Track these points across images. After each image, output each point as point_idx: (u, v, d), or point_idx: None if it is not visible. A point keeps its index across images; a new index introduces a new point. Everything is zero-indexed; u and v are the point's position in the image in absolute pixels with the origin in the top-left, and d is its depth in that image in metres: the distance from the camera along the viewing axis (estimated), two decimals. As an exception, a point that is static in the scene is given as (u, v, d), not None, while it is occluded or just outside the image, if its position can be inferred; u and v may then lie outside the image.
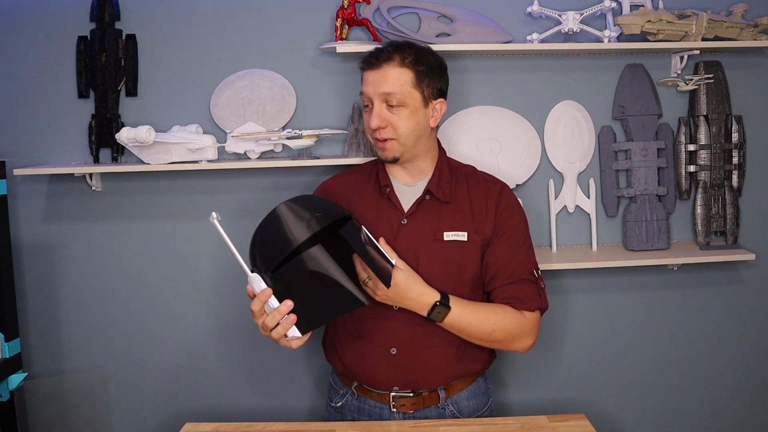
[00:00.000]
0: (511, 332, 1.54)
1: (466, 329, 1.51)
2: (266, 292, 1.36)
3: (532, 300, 1.56)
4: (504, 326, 1.53)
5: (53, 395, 2.07)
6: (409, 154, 1.57)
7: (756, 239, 2.16)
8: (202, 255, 2.09)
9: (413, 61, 1.54)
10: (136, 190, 2.07)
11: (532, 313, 1.57)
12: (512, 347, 1.57)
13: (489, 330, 1.52)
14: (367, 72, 1.56)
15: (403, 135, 1.54)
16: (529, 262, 1.60)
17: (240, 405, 2.14)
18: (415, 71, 1.54)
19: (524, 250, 1.61)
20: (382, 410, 1.60)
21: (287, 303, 1.36)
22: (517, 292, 1.56)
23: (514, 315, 1.54)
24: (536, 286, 1.59)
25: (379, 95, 1.53)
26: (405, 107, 1.53)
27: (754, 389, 2.22)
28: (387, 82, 1.52)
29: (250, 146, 1.99)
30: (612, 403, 2.19)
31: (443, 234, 1.56)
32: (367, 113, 1.58)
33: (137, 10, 2.02)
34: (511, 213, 1.61)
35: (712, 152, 2.08)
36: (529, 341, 1.57)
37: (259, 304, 1.38)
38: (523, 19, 2.06)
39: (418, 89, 1.55)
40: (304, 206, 1.39)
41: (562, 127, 2.09)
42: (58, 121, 2.04)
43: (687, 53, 2.03)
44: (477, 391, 1.65)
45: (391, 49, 1.55)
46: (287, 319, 1.37)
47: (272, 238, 1.37)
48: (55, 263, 2.08)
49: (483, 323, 1.51)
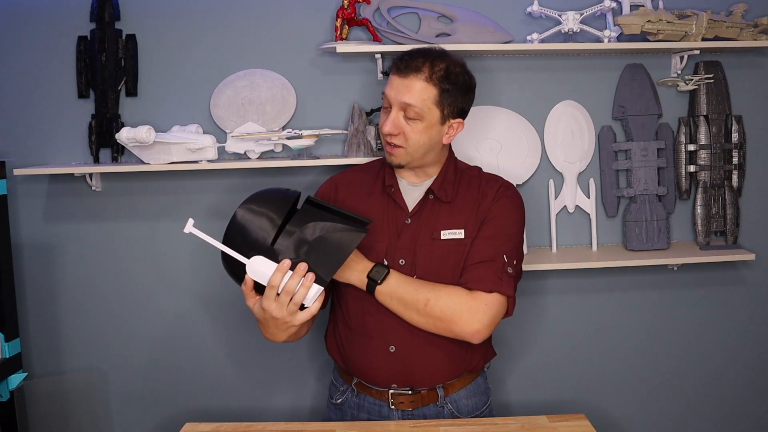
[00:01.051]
0: (450, 307, 1.46)
1: (402, 297, 1.48)
2: (285, 262, 1.34)
3: (488, 281, 1.48)
4: (440, 298, 1.47)
5: (53, 395, 2.07)
6: (415, 163, 1.58)
7: (756, 239, 2.16)
8: (203, 255, 2.09)
9: (441, 77, 1.51)
10: (136, 190, 2.07)
11: (486, 294, 1.48)
12: (456, 329, 1.47)
13: (424, 299, 1.46)
14: (394, 76, 1.54)
15: (412, 147, 1.54)
16: (503, 249, 1.53)
17: (240, 405, 2.14)
18: (440, 89, 1.51)
19: (502, 239, 1.55)
20: (381, 407, 1.60)
21: (303, 264, 1.35)
22: (475, 274, 1.50)
23: (458, 292, 1.48)
24: (500, 270, 1.50)
25: (399, 103, 1.52)
26: (421, 121, 1.52)
27: (754, 389, 2.22)
28: (409, 93, 1.51)
29: (250, 146, 1.99)
30: (612, 402, 2.19)
31: (440, 233, 1.56)
32: (385, 114, 1.56)
33: (137, 10, 2.02)
34: (501, 201, 1.59)
35: (712, 152, 2.08)
36: (475, 325, 1.46)
37: (279, 276, 1.34)
38: (523, 19, 2.06)
39: (439, 107, 1.53)
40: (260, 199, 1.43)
41: (562, 127, 2.09)
42: (58, 121, 2.04)
43: (687, 53, 2.03)
44: (476, 390, 1.65)
45: (422, 60, 1.52)
46: (308, 277, 1.35)
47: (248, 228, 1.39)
48: (55, 263, 2.08)
49: (418, 290, 1.48)
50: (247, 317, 2.11)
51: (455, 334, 1.49)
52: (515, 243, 1.57)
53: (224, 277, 2.08)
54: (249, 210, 1.40)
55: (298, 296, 1.36)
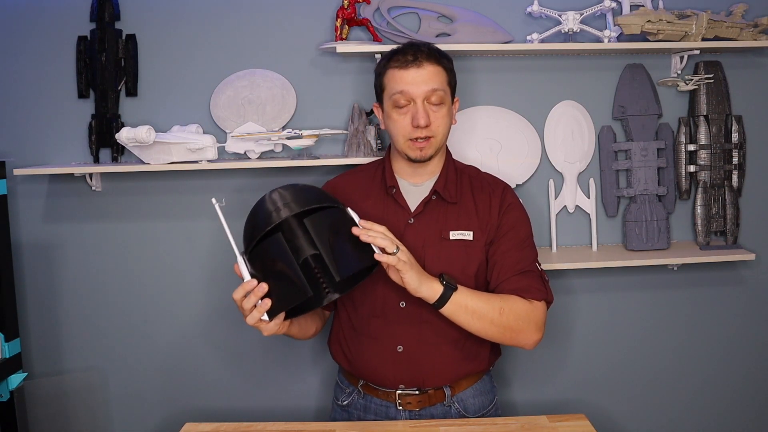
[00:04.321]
0: (521, 316, 1.50)
1: (475, 308, 1.46)
2: (250, 283, 1.33)
3: (538, 290, 1.54)
4: (512, 308, 1.49)
5: (53, 395, 2.07)
6: (438, 152, 1.60)
7: (756, 239, 2.16)
8: (202, 255, 2.09)
9: (442, 58, 1.57)
10: (136, 190, 2.07)
11: (540, 303, 1.54)
12: (521, 338, 1.52)
13: (498, 308, 1.48)
14: (407, 70, 1.53)
15: (440, 134, 1.56)
16: (532, 257, 1.60)
17: (242, 405, 2.14)
18: (446, 69, 1.58)
19: (528, 246, 1.61)
20: (388, 408, 1.60)
21: (263, 286, 1.33)
22: (523, 284, 1.53)
23: (522, 301, 1.52)
24: (540, 278, 1.57)
25: (423, 93, 1.53)
26: (444, 105, 1.56)
27: (754, 389, 2.22)
28: (432, 80, 1.53)
29: (250, 146, 1.99)
30: (612, 402, 2.19)
31: (449, 233, 1.57)
32: (403, 114, 1.55)
33: (137, 10, 2.02)
34: (513, 211, 1.62)
35: (712, 152, 2.08)
36: (537, 335, 1.53)
37: (241, 292, 1.34)
38: (523, 19, 2.06)
39: (450, 86, 1.59)
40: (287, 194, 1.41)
41: (562, 127, 2.09)
42: (58, 121, 2.04)
43: (687, 53, 2.03)
44: (482, 389, 1.66)
45: (426, 48, 1.56)
46: (262, 303, 1.33)
47: (250, 221, 1.42)
48: (55, 263, 2.08)
49: (490, 301, 1.48)
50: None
51: (517, 342, 1.53)
52: (535, 246, 1.64)
53: (225, 276, 2.10)
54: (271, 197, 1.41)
55: (250, 318, 1.35)
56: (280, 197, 1.40)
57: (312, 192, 1.46)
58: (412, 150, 1.56)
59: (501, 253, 1.57)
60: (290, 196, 1.40)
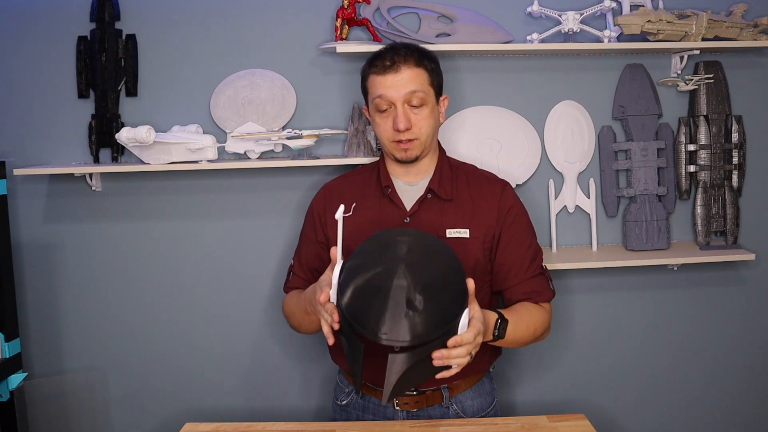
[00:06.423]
0: (544, 326, 1.61)
1: (518, 337, 1.52)
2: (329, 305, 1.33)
3: (547, 292, 1.64)
4: (541, 322, 1.59)
5: (53, 395, 2.07)
6: (425, 151, 1.61)
7: (756, 239, 2.16)
8: (202, 255, 2.09)
9: (423, 59, 1.58)
10: (136, 190, 2.07)
11: (548, 304, 1.65)
12: (538, 341, 1.62)
13: (533, 329, 1.56)
14: (385, 75, 1.55)
15: (424, 134, 1.57)
16: (538, 258, 1.66)
17: (242, 405, 2.14)
18: (427, 69, 1.58)
19: (534, 246, 1.66)
20: (386, 409, 1.60)
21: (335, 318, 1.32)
22: (535, 287, 1.61)
23: (541, 310, 1.61)
24: (546, 279, 1.66)
25: (402, 96, 1.54)
26: (426, 106, 1.57)
27: (755, 389, 2.22)
28: (411, 82, 1.54)
29: (250, 146, 1.99)
30: (612, 402, 2.19)
31: (446, 231, 1.58)
32: (385, 117, 1.57)
33: (137, 10, 2.02)
34: (516, 212, 1.64)
35: (712, 152, 2.08)
36: (548, 334, 1.65)
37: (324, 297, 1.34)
38: (523, 19, 2.06)
39: (432, 86, 1.59)
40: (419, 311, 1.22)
41: (562, 127, 2.09)
42: (58, 121, 2.04)
43: (687, 53, 2.03)
44: (481, 390, 1.66)
45: (404, 51, 1.57)
46: (333, 318, 1.32)
47: (363, 292, 1.25)
48: (55, 263, 2.08)
49: (529, 325, 1.55)
50: (248, 317, 2.12)
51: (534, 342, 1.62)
52: (539, 246, 1.69)
53: (225, 276, 2.10)
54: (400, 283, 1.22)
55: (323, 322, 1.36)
56: (408, 304, 1.20)
57: (438, 317, 1.23)
58: (398, 151, 1.59)
59: (512, 255, 1.61)
60: (420, 321, 1.20)
